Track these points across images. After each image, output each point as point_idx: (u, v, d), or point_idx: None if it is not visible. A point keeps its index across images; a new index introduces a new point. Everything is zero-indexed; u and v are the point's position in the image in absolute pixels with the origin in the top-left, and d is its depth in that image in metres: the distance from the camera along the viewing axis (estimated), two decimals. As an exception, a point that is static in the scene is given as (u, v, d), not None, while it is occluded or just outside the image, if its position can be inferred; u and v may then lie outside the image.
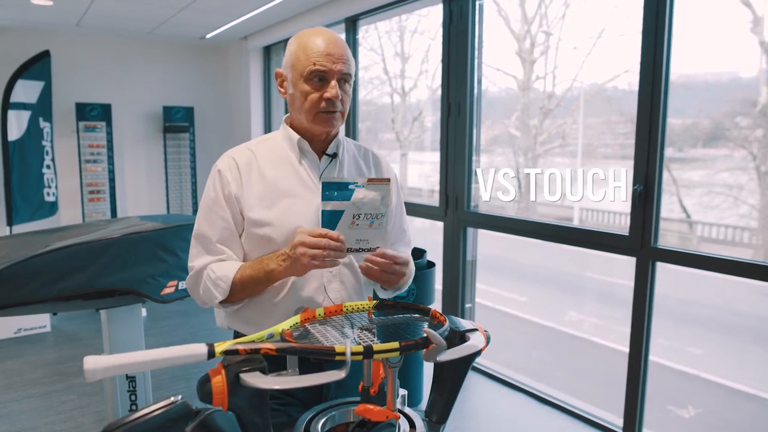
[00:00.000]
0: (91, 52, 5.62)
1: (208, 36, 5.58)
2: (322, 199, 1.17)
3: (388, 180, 1.22)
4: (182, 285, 2.47)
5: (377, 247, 1.24)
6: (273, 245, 1.35)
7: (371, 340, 1.12)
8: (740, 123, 9.33)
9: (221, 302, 1.36)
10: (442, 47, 3.51)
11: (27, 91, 4.94)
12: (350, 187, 1.18)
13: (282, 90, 1.43)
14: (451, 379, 1.16)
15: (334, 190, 1.18)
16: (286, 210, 1.36)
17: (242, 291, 1.33)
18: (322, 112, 1.36)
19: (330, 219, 1.20)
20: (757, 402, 4.78)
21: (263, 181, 1.39)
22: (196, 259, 1.38)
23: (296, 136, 1.42)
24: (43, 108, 5.09)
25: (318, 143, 1.43)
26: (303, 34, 1.37)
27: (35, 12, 4.54)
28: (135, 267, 2.32)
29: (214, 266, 1.34)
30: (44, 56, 5.08)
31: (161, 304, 4.62)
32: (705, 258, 2.35)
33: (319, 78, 1.33)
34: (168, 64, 6.06)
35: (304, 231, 1.21)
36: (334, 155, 1.45)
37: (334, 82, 1.33)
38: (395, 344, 0.98)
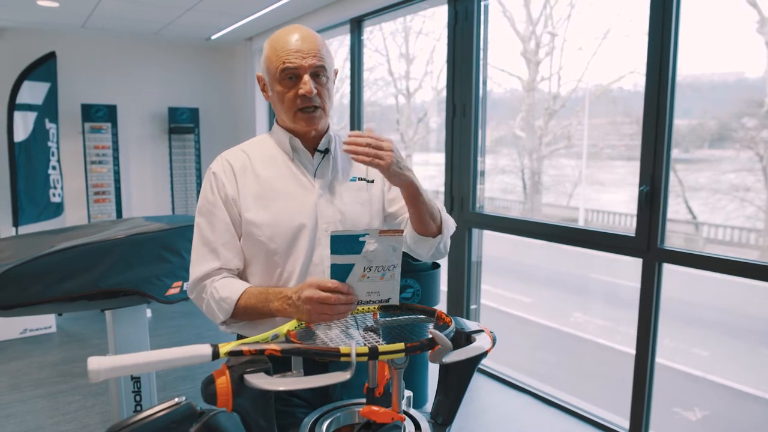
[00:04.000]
0: (97, 54, 5.64)
1: (213, 37, 5.59)
2: (331, 252, 1.11)
3: (401, 231, 1.16)
4: (187, 286, 2.47)
5: (389, 299, 1.19)
6: (271, 248, 1.35)
7: (376, 341, 1.11)
8: (746, 124, 9.29)
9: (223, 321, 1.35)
10: (447, 48, 3.50)
11: (33, 92, 4.96)
12: (360, 239, 1.10)
13: (265, 94, 1.44)
14: (457, 380, 1.15)
15: (344, 243, 1.10)
16: (282, 210, 1.36)
17: (244, 315, 1.31)
18: (300, 110, 1.35)
19: (339, 272, 1.13)
20: (763, 404, 4.75)
21: (258, 181, 1.38)
22: (200, 264, 1.36)
23: (287, 135, 1.41)
24: (49, 109, 5.11)
25: (309, 140, 1.43)
26: (274, 35, 1.37)
27: (41, 13, 4.55)
28: (140, 268, 2.32)
29: (218, 284, 1.32)
30: (50, 57, 5.10)
31: (166, 305, 4.62)
32: (712, 259, 2.34)
33: (290, 76, 1.33)
34: (173, 65, 6.07)
35: (313, 284, 1.14)
36: (326, 151, 1.44)
37: (307, 77, 1.32)
38: (401, 345, 0.97)
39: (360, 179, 1.49)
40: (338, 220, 1.40)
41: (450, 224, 1.47)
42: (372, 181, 1.50)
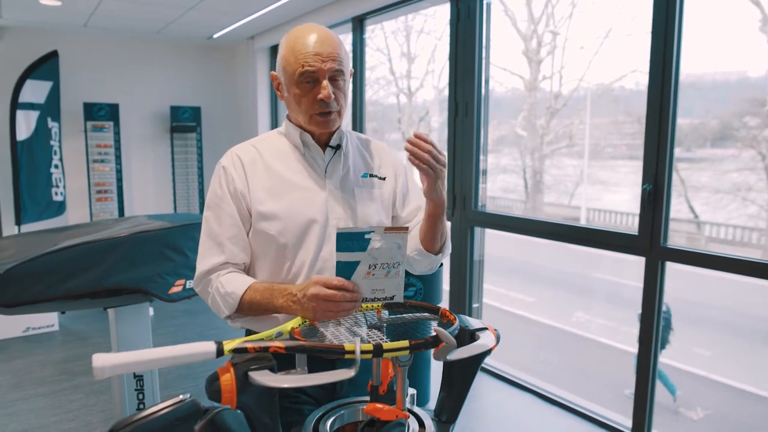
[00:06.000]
0: (99, 53, 5.64)
1: (215, 36, 5.59)
2: (337, 250, 1.11)
3: (406, 228, 1.16)
4: (190, 284, 2.47)
5: (393, 296, 1.20)
6: (281, 242, 1.34)
7: (381, 339, 1.11)
8: (749, 123, 9.28)
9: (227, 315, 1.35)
10: (449, 47, 3.50)
11: (35, 91, 4.97)
12: (366, 236, 1.11)
13: (279, 93, 1.42)
14: (461, 378, 1.15)
15: (349, 240, 1.11)
16: (294, 203, 1.35)
17: (249, 310, 1.32)
18: (318, 114, 1.34)
19: (345, 269, 1.14)
20: (765, 404, 4.74)
21: (269, 174, 1.38)
22: (206, 258, 1.36)
23: (299, 130, 1.41)
24: (51, 108, 5.11)
25: (320, 136, 1.42)
26: (291, 34, 1.35)
27: (43, 12, 4.56)
28: (142, 266, 2.32)
29: (223, 279, 1.33)
30: (52, 56, 5.10)
31: (169, 303, 4.62)
32: (715, 258, 2.33)
33: (309, 80, 1.31)
34: (175, 64, 6.07)
35: (319, 282, 1.14)
36: (338, 147, 1.43)
37: (325, 82, 1.31)
38: (405, 343, 0.97)
39: (371, 176, 1.48)
40: (348, 216, 1.39)
41: (449, 244, 1.48)
42: (384, 179, 1.49)
